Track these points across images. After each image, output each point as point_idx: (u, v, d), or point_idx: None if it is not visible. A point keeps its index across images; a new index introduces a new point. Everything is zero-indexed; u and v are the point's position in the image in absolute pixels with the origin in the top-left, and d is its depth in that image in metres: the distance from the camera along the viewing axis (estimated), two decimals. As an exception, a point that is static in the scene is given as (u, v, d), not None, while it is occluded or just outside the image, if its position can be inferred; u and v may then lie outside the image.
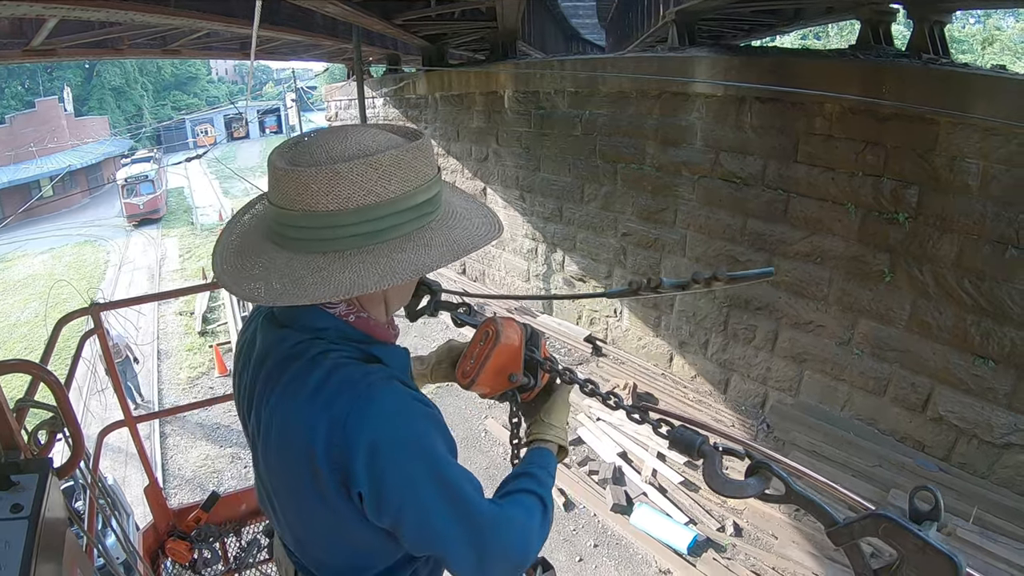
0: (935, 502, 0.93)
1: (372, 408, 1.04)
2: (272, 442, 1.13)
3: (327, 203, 1.01)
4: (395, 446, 1.05)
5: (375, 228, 1.04)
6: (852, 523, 0.98)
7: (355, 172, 1.01)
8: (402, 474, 1.05)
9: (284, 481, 1.15)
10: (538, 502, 1.26)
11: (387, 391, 1.08)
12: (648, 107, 9.13)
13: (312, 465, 1.05)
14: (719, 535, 7.12)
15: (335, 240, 1.03)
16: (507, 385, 1.42)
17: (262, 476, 1.23)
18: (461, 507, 1.10)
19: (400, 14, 10.06)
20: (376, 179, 1.02)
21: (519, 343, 1.42)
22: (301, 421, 1.07)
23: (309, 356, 1.11)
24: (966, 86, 6.04)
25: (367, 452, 1.02)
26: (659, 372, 10.04)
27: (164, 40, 10.64)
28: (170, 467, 9.58)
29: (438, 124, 14.46)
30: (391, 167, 1.03)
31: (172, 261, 22.07)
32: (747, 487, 1.10)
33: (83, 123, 39.39)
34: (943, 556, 0.87)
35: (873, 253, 7.01)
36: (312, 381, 1.08)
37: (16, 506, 1.28)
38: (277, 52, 16.69)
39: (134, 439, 2.69)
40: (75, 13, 5.94)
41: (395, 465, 1.04)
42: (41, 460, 1.46)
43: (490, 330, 1.42)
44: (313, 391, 1.07)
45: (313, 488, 1.08)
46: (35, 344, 15.11)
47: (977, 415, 6.45)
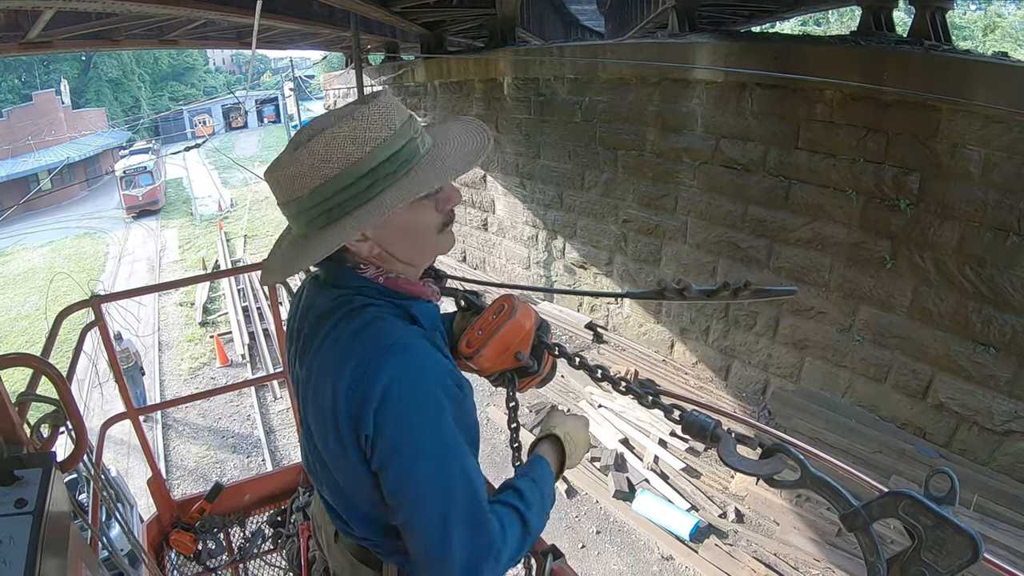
0: (951, 486, 0.93)
1: (397, 359, 1.09)
2: (311, 390, 1.19)
3: (286, 195, 1.16)
4: (406, 398, 1.07)
5: (331, 204, 1.12)
6: (870, 503, 0.97)
7: (297, 163, 1.12)
8: (404, 425, 1.08)
9: (319, 428, 1.18)
10: (520, 524, 1.23)
11: (419, 348, 1.13)
12: (648, 93, 9.09)
13: (334, 407, 1.10)
14: (721, 521, 7.14)
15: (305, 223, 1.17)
16: (511, 363, 1.42)
17: (307, 430, 1.27)
18: (448, 479, 1.10)
19: (398, 1, 10.01)
20: (314, 164, 1.11)
21: (531, 326, 1.42)
22: (334, 365, 1.13)
23: (351, 307, 1.18)
24: (968, 73, 6.02)
25: (380, 396, 1.06)
26: (660, 359, 10.05)
27: (161, 30, 10.59)
28: (173, 458, 9.61)
29: (437, 111, 14.40)
30: (325, 149, 1.10)
31: (172, 252, 22.05)
32: (763, 465, 1.10)
33: (81, 115, 39.25)
34: (963, 534, 0.87)
35: (874, 240, 7.00)
36: (351, 328, 1.15)
37: (20, 501, 1.28)
38: (275, 41, 16.63)
39: (137, 431, 2.69)
40: (71, 4, 5.92)
41: (400, 415, 1.07)
42: (44, 454, 1.45)
43: (505, 304, 1.42)
44: (351, 337, 1.14)
45: (335, 431, 1.12)
46: (35, 337, 15.11)
47: (978, 402, 6.47)
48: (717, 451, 1.15)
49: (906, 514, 0.92)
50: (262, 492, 2.98)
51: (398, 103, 1.17)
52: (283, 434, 9.85)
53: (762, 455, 1.12)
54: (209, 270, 18.27)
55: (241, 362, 12.36)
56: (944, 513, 0.89)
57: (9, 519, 1.23)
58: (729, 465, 1.12)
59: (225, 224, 23.68)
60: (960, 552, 0.88)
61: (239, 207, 26.72)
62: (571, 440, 1.45)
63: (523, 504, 1.24)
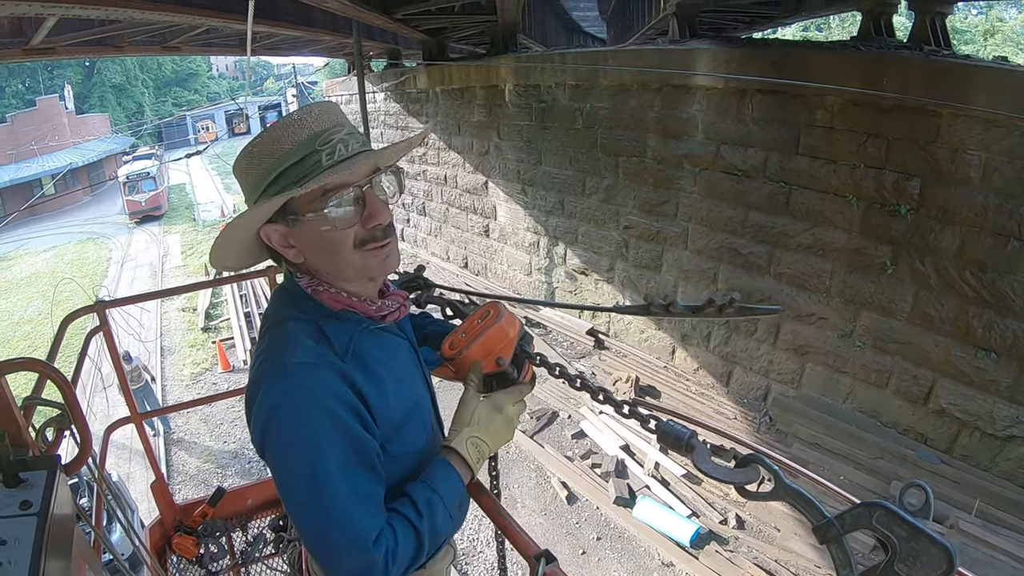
0: (925, 499, 0.93)
1: (279, 384, 1.18)
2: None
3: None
4: (280, 426, 1.17)
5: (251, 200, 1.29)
6: (843, 515, 0.98)
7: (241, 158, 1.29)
8: (279, 451, 1.18)
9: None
10: (411, 532, 1.24)
11: (301, 373, 1.18)
12: (649, 100, 9.12)
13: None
14: (722, 528, 7.13)
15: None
16: (492, 368, 1.44)
17: None
18: (321, 503, 1.16)
19: (400, 8, 10.06)
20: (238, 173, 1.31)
21: (515, 333, 1.45)
22: (249, 380, 1.25)
23: (277, 319, 1.31)
24: (968, 78, 6.03)
25: (264, 421, 1.18)
26: (661, 365, 10.05)
27: (164, 37, 10.64)
28: (175, 463, 9.61)
29: (439, 118, 14.43)
30: (241, 163, 1.29)
31: (174, 258, 22.07)
32: (737, 474, 1.11)
33: (84, 121, 39.37)
34: (938, 545, 0.87)
35: (875, 245, 7.01)
36: (264, 343, 1.28)
37: (25, 503, 1.29)
38: (278, 48, 16.69)
39: (140, 435, 2.71)
40: (74, 11, 5.94)
41: (276, 441, 1.18)
42: (49, 457, 1.47)
43: (491, 310, 1.45)
44: (261, 353, 1.25)
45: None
46: (38, 342, 15.14)
47: (979, 407, 6.46)
48: (692, 459, 1.16)
49: (880, 525, 0.92)
50: (264, 497, 3.00)
51: (321, 112, 1.27)
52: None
53: (737, 465, 1.13)
54: (211, 276, 18.29)
55: (243, 367, 12.36)
56: (919, 524, 0.89)
57: (14, 520, 1.24)
58: (704, 472, 1.14)
59: (228, 230, 23.66)
60: (935, 564, 0.88)
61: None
62: (477, 439, 1.38)
63: (414, 513, 1.25)
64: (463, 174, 14.01)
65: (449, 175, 14.48)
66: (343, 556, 1.17)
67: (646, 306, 1.42)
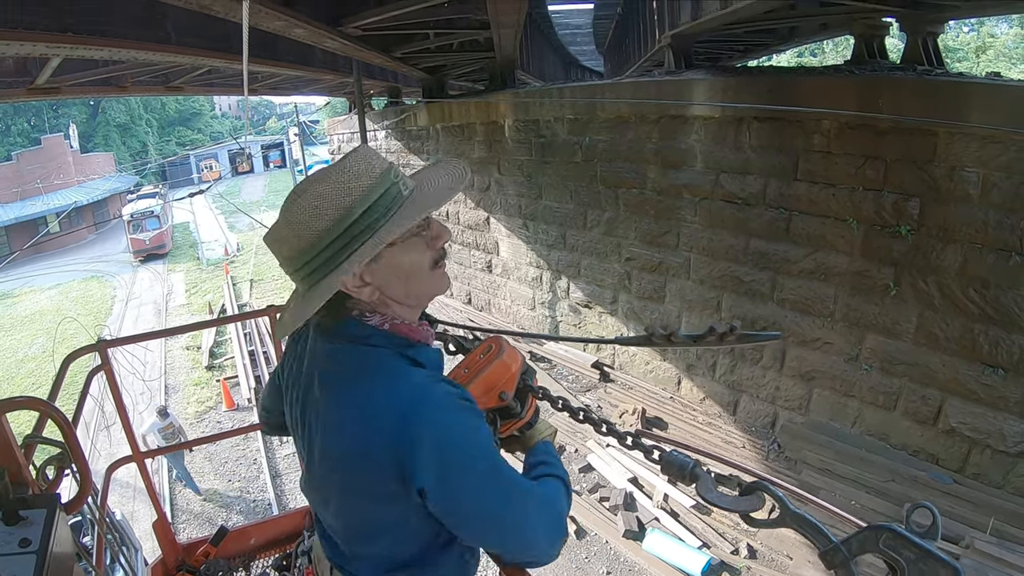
0: (933, 520, 0.92)
1: (431, 405, 1.15)
2: (331, 440, 1.24)
3: (285, 256, 1.24)
4: (457, 442, 1.15)
5: (327, 255, 1.19)
6: (849, 539, 0.97)
7: (289, 225, 1.20)
8: (465, 469, 1.16)
9: (341, 476, 1.24)
10: (561, 483, 1.35)
11: (441, 390, 1.19)
12: (647, 131, 9.20)
13: (372, 459, 1.15)
14: (733, 558, 7.03)
15: (305, 277, 1.23)
16: (494, 403, 1.44)
17: (315, 475, 1.32)
18: (515, 495, 1.22)
19: (399, 47, 10.19)
20: (304, 221, 1.18)
21: (517, 368, 1.45)
22: (363, 419, 1.17)
23: (366, 358, 1.23)
24: (962, 95, 6.10)
25: (432, 448, 1.12)
26: (667, 396, 9.99)
27: (167, 77, 10.78)
28: (179, 502, 9.55)
29: (440, 155, 14.56)
30: (313, 207, 1.18)
31: (179, 296, 22.15)
32: (741, 502, 1.10)
33: (89, 159, 39.81)
34: (946, 567, 0.86)
35: (877, 267, 7.01)
36: (371, 382, 1.19)
37: (24, 540, 1.29)
38: (279, 88, 16.88)
39: (142, 474, 2.69)
40: (78, 52, 6.02)
41: (461, 469, 1.16)
42: (49, 496, 1.47)
43: (493, 345, 1.46)
44: (372, 391, 1.18)
45: (368, 481, 1.19)
46: (42, 380, 15.14)
47: (989, 425, 6.41)
48: (696, 489, 1.16)
49: (887, 548, 0.92)
50: (267, 536, 2.97)
51: (377, 153, 1.26)
52: (289, 478, 9.78)
53: (741, 492, 1.12)
54: (216, 314, 18.34)
55: (247, 406, 12.33)
56: (927, 545, 0.89)
57: (13, 558, 1.24)
58: (708, 501, 1.13)
59: (231, 268, 23.82)
60: None
61: (245, 251, 26.90)
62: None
63: (552, 468, 1.39)
64: (465, 210, 14.09)
65: (451, 211, 14.56)
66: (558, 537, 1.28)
67: (648, 337, 1.42)
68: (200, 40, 7.39)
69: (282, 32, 6.79)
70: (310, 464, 1.34)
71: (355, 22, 7.52)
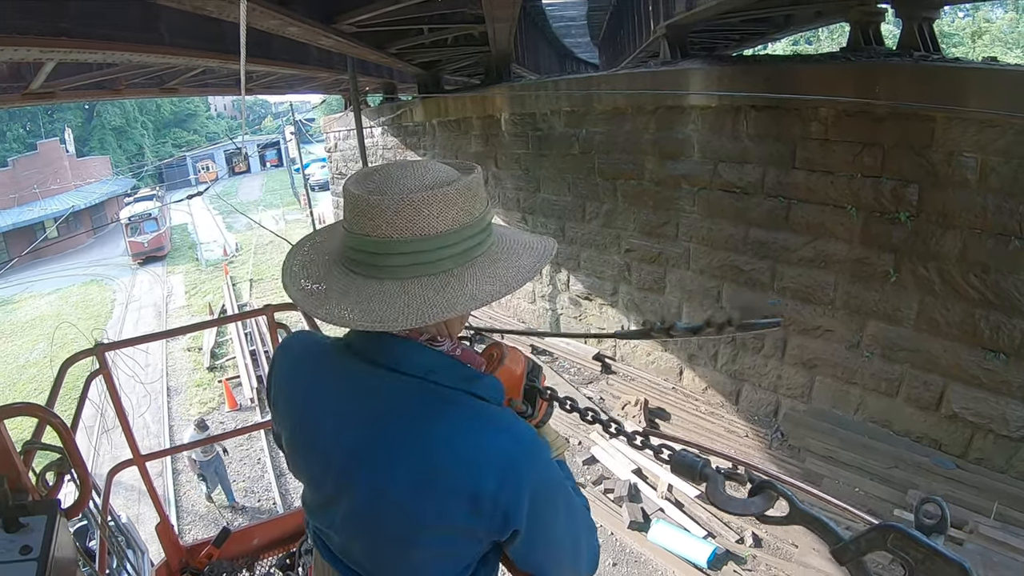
0: (941, 514, 0.92)
1: (532, 455, 1.11)
2: (394, 480, 1.10)
3: (413, 232, 1.05)
4: (547, 486, 1.14)
5: (452, 253, 1.08)
6: (858, 538, 0.96)
7: (432, 202, 1.05)
8: (551, 514, 1.16)
9: (401, 517, 1.12)
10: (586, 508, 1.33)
11: (529, 434, 1.13)
12: (644, 122, 9.18)
13: (468, 505, 1.07)
14: (738, 547, 7.04)
15: (419, 266, 1.07)
16: None
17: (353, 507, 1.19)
18: (583, 534, 1.25)
19: (393, 43, 10.16)
20: (450, 208, 1.06)
21: (521, 371, 1.42)
22: (460, 465, 1.07)
23: (444, 399, 1.12)
24: (959, 80, 6.08)
25: (530, 496, 1.09)
26: (670, 386, 9.99)
27: (161, 79, 10.76)
28: (183, 503, 9.56)
29: (436, 150, 14.54)
30: (460, 196, 1.07)
31: (178, 298, 22.13)
32: (751, 504, 1.09)
33: (85, 163, 39.74)
34: (953, 564, 0.86)
35: (877, 254, 7.00)
36: (462, 424, 1.10)
37: (25, 548, 1.28)
38: (274, 86, 16.86)
39: (143, 477, 2.68)
40: (72, 55, 6.01)
41: (548, 507, 1.15)
42: (49, 502, 1.46)
43: (495, 353, 1.40)
44: (467, 433, 1.09)
45: (446, 525, 1.10)
46: (44, 385, 15.11)
47: (992, 409, 6.40)
48: (706, 492, 1.14)
49: (895, 547, 0.92)
50: (271, 536, 2.97)
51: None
52: (293, 477, 9.76)
53: (750, 492, 1.11)
54: (216, 315, 18.34)
55: (250, 406, 12.33)
56: (933, 544, 0.88)
57: (14, 565, 1.23)
58: (716, 506, 1.12)
59: (231, 269, 23.80)
60: None
61: (244, 251, 26.90)
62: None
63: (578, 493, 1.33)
64: (463, 204, 14.06)
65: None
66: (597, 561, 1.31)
67: (646, 331, 1.40)
68: (194, 41, 7.38)
69: (276, 31, 6.77)
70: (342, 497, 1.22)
71: (349, 19, 7.49)
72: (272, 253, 25.25)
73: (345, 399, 1.19)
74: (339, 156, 21.32)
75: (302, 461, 1.30)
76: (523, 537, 1.13)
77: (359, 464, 1.15)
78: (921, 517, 0.93)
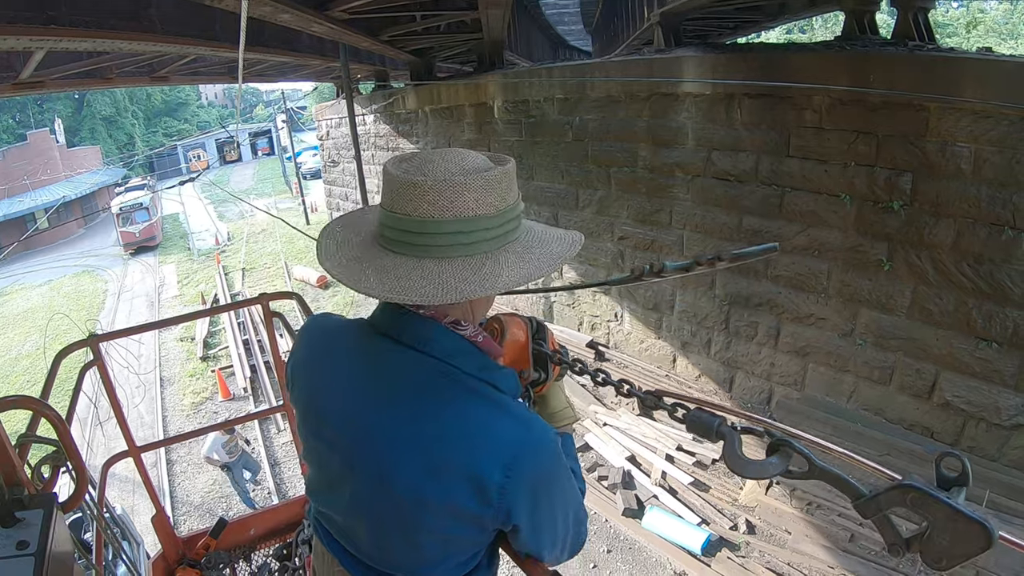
0: (962, 468, 0.92)
1: (541, 448, 1.12)
2: (402, 459, 1.12)
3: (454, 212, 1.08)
4: (553, 484, 1.17)
5: (488, 236, 1.11)
6: (878, 495, 0.96)
7: (473, 184, 1.08)
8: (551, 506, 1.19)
9: (408, 497, 1.14)
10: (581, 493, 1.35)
11: (544, 428, 1.15)
12: (638, 110, 9.15)
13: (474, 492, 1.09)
14: (732, 534, 7.09)
15: (457, 246, 1.09)
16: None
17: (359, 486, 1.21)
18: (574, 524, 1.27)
19: (386, 30, 10.10)
20: (488, 193, 1.09)
21: (525, 338, 1.42)
22: (468, 451, 1.09)
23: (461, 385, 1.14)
24: (954, 70, 6.06)
25: (533, 489, 1.12)
26: (663, 374, 10.02)
27: (152, 67, 10.68)
28: (178, 494, 9.56)
29: (429, 138, 14.47)
30: (498, 183, 1.10)
31: (171, 287, 22.04)
32: (769, 466, 1.07)
33: (76, 154, 39.43)
34: (974, 523, 0.86)
35: (871, 243, 7.01)
36: (476, 412, 1.12)
37: (22, 543, 1.27)
38: (265, 74, 16.75)
39: (139, 469, 2.68)
40: (62, 44, 5.96)
41: (549, 500, 1.18)
42: (45, 495, 1.45)
43: (495, 327, 1.39)
44: (481, 422, 1.11)
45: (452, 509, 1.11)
46: (37, 377, 15.06)
47: (984, 398, 6.44)
48: (723, 456, 1.13)
49: (915, 506, 0.91)
50: (267, 526, 2.97)
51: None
52: (288, 466, 9.80)
53: (767, 450, 1.10)
54: (208, 304, 18.28)
55: (243, 395, 12.32)
56: (954, 504, 0.88)
57: (11, 561, 1.22)
58: (734, 471, 1.11)
59: (223, 258, 23.72)
60: (973, 539, 0.87)
61: (236, 240, 26.78)
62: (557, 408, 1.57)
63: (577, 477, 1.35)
64: (456, 192, 14.01)
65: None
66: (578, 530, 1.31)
67: (636, 276, 1.39)
68: (186, 28, 7.33)
69: (269, 18, 6.72)
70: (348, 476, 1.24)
71: (341, 5, 7.45)
72: (264, 242, 25.17)
73: (360, 376, 1.20)
74: (331, 144, 21.20)
75: (312, 438, 1.31)
76: (523, 529, 1.16)
77: (368, 440, 1.16)
78: (943, 470, 0.92)
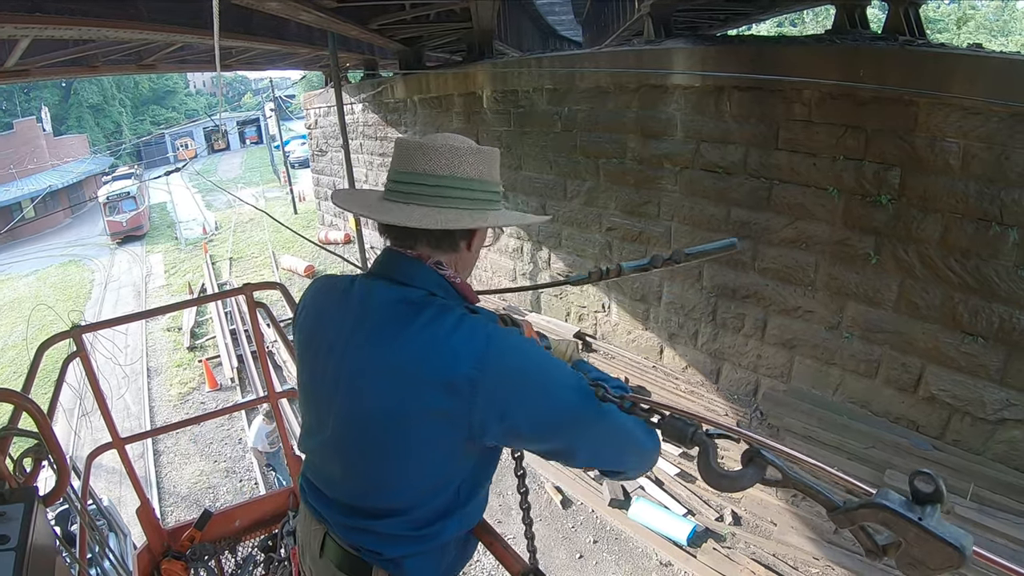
0: (935, 485, 0.91)
1: (508, 340, 1.25)
2: (386, 378, 1.26)
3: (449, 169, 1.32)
4: (534, 372, 1.25)
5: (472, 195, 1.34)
6: (851, 510, 0.96)
7: (467, 153, 1.34)
8: (541, 395, 1.25)
9: (393, 417, 1.25)
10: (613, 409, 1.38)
11: (513, 331, 1.31)
12: (627, 101, 9.13)
13: (445, 389, 1.20)
14: (718, 525, 7.13)
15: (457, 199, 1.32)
16: None
17: (343, 419, 1.33)
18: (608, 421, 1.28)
19: (375, 18, 10.03)
20: (479, 161, 1.35)
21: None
22: (439, 356, 1.22)
23: (436, 306, 1.29)
24: (944, 66, 6.08)
25: (509, 376, 1.22)
26: (650, 365, 10.05)
27: (139, 55, 10.57)
28: (165, 485, 9.52)
29: (418, 127, 14.41)
30: (488, 157, 1.38)
31: (158, 277, 21.90)
32: (743, 477, 1.07)
33: (62, 142, 39.07)
34: (945, 543, 0.85)
35: (858, 236, 7.04)
36: (446, 323, 1.25)
37: (2, 537, 1.26)
38: (253, 62, 16.62)
39: (123, 461, 2.65)
40: (47, 32, 5.89)
41: (535, 388, 1.24)
42: (27, 489, 1.43)
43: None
44: (450, 330, 1.24)
45: (434, 416, 1.22)
46: (22, 368, 14.92)
47: (969, 392, 6.49)
48: (698, 468, 1.13)
49: (887, 524, 0.91)
50: (252, 517, 2.96)
51: None
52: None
53: (742, 459, 1.10)
54: (196, 294, 18.18)
55: (230, 385, 12.28)
56: (925, 525, 0.87)
57: (-10, 556, 1.21)
58: (709, 484, 1.10)
59: (210, 247, 23.58)
60: (945, 556, 0.86)
61: (224, 230, 26.63)
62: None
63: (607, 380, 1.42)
64: (445, 182, 13.96)
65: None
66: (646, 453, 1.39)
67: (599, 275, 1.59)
68: (173, 16, 7.25)
69: (256, 6, 6.66)
70: (330, 412, 1.35)
71: (330, -7, 7.39)
72: (251, 231, 25.03)
73: (352, 309, 1.36)
74: (319, 133, 21.08)
75: (307, 376, 1.44)
76: (524, 428, 1.25)
77: (354, 359, 1.31)
78: (916, 485, 0.92)
